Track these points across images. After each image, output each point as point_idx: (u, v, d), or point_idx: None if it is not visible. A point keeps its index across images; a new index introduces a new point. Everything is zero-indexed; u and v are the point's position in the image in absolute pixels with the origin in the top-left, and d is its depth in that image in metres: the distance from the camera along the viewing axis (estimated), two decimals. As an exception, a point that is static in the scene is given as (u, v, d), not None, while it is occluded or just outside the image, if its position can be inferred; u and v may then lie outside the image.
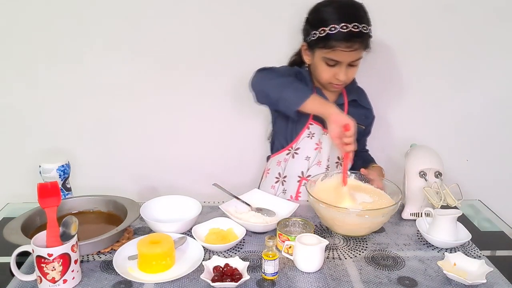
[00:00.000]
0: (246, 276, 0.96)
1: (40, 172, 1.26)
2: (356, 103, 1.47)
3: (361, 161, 1.52)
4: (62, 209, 1.17)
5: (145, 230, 1.21)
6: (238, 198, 1.31)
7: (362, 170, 1.32)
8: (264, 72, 1.33)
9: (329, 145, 1.43)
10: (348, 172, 1.34)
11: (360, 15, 1.28)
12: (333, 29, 1.25)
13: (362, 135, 1.53)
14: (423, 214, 1.21)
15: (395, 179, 1.32)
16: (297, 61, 1.47)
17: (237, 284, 0.95)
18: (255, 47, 1.68)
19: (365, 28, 1.27)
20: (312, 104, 1.23)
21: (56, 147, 1.75)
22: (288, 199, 1.46)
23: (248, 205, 1.30)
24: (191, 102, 1.76)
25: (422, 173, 1.26)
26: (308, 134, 1.42)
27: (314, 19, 1.33)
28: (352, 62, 1.32)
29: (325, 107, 1.23)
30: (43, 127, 1.75)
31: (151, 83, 1.72)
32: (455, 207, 1.21)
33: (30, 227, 1.12)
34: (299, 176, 1.47)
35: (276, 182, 1.52)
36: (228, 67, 1.71)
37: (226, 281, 0.95)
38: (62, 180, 1.28)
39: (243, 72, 1.51)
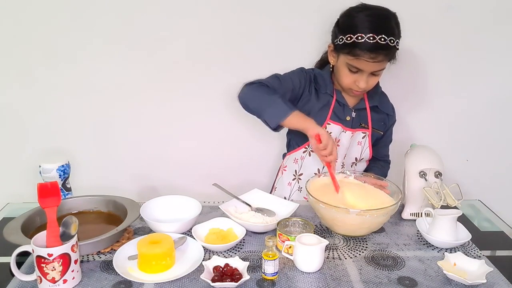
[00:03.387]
0: (246, 276, 0.96)
1: (40, 172, 1.26)
2: (377, 108, 1.46)
3: (377, 170, 1.52)
4: (62, 209, 1.17)
5: (145, 230, 1.21)
6: (238, 198, 1.31)
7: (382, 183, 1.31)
8: (249, 88, 1.34)
9: (346, 144, 1.44)
10: (348, 172, 1.35)
11: (389, 27, 1.26)
12: (359, 38, 1.24)
13: (379, 141, 1.53)
14: (423, 214, 1.21)
15: (395, 179, 1.32)
16: (325, 59, 1.45)
17: (237, 284, 0.95)
18: (258, 47, 1.68)
19: (392, 41, 1.25)
20: (292, 121, 1.27)
21: (56, 147, 1.75)
22: (305, 197, 1.47)
23: (248, 205, 1.30)
24: (192, 102, 1.76)
25: (422, 173, 1.26)
26: None
27: (344, 24, 1.31)
28: (374, 72, 1.31)
29: (304, 123, 1.26)
30: (43, 127, 1.75)
31: (152, 83, 1.72)
32: (455, 207, 1.21)
33: (30, 227, 1.12)
34: (315, 173, 1.47)
35: (293, 180, 1.53)
36: (228, 68, 1.71)
37: (226, 281, 0.95)
38: (62, 180, 1.28)
39: (245, 72, 1.51)
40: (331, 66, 1.41)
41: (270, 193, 1.57)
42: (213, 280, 0.96)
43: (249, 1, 1.63)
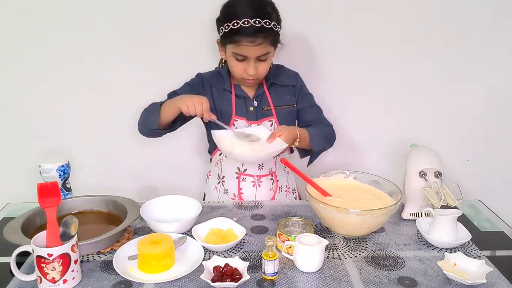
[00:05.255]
0: (246, 276, 0.96)
1: (40, 172, 1.26)
2: (275, 84, 1.45)
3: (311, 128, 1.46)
4: (62, 209, 1.17)
5: (145, 230, 1.21)
6: (218, 123, 1.33)
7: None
8: (139, 120, 1.42)
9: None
10: (347, 172, 1.35)
11: (264, 11, 1.29)
12: (236, 24, 1.27)
13: (305, 114, 1.49)
14: (423, 214, 1.21)
15: (395, 179, 1.32)
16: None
17: (237, 284, 0.95)
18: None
19: (267, 23, 1.27)
20: (167, 109, 1.33)
21: (56, 147, 1.76)
22: (232, 198, 1.46)
23: (225, 128, 1.32)
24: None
25: (422, 173, 1.26)
26: None
27: (222, 14, 1.34)
28: (260, 57, 1.32)
29: (175, 102, 1.31)
30: (43, 127, 1.75)
31: (152, 83, 1.72)
32: (455, 207, 1.21)
33: (30, 227, 1.12)
34: (236, 173, 1.47)
35: (218, 183, 1.52)
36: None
37: (226, 281, 0.95)
38: (62, 180, 1.28)
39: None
40: (223, 61, 1.43)
41: (203, 200, 1.55)
42: (213, 280, 0.96)
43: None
